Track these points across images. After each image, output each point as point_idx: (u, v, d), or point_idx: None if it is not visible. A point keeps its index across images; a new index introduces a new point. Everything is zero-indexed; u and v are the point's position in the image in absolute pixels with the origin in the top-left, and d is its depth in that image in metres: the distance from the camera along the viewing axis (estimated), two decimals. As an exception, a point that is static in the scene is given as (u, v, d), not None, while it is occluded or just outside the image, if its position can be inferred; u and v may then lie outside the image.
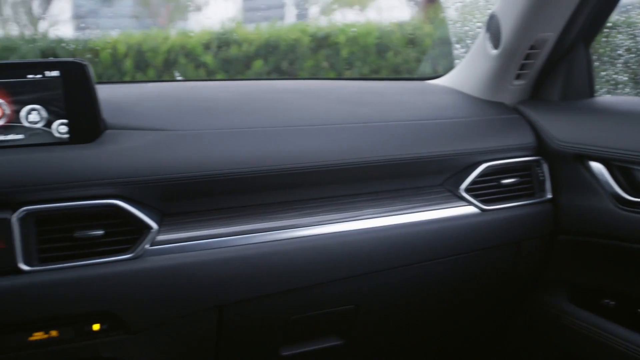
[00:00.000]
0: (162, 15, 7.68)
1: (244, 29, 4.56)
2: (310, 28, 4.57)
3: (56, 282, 1.15)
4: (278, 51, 4.33)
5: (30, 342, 1.16)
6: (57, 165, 1.18)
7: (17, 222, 1.13)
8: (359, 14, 7.28)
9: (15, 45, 4.19)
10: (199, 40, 4.30)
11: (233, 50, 4.29)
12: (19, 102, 1.21)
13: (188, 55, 4.22)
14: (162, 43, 4.25)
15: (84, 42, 4.42)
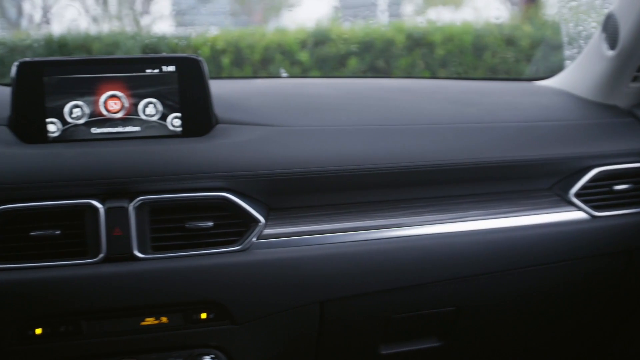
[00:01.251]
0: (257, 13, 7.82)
1: (340, 27, 4.57)
2: (406, 27, 4.54)
3: (168, 270, 1.18)
4: (373, 49, 4.32)
5: (142, 326, 1.20)
6: (171, 157, 1.21)
7: (134, 211, 1.17)
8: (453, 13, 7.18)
9: (119, 41, 4.35)
10: (295, 38, 4.34)
11: (328, 48, 4.31)
12: (137, 95, 1.25)
13: (284, 53, 4.26)
14: (260, 40, 4.31)
15: (184, 38, 4.54)
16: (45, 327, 1.17)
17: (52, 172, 1.17)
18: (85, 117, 1.23)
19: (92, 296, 1.16)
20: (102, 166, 1.19)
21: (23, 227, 1.15)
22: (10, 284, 1.13)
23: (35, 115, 1.21)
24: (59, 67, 1.22)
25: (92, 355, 1.20)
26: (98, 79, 1.23)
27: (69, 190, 1.17)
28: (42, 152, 1.19)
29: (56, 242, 1.16)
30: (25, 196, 1.15)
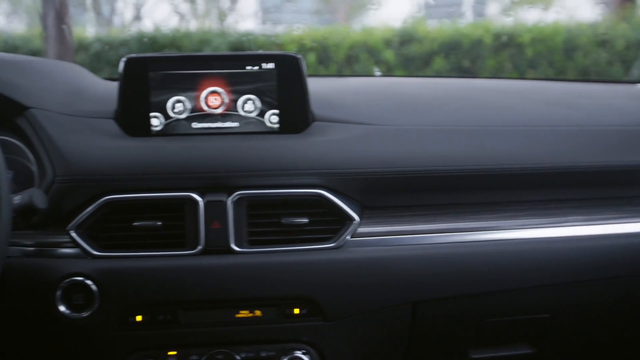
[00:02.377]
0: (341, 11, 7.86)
1: (425, 26, 4.55)
2: (494, 26, 4.46)
3: (263, 265, 1.20)
4: (460, 49, 4.27)
5: (237, 319, 1.22)
6: (268, 153, 1.23)
7: (232, 205, 1.19)
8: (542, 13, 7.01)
9: (208, 38, 4.45)
10: (380, 37, 4.34)
11: (414, 48, 4.29)
12: (237, 92, 1.27)
13: (369, 52, 4.27)
14: (345, 38, 4.33)
15: (270, 35, 4.61)
16: (145, 314, 1.20)
17: (154, 165, 1.20)
18: (186, 112, 1.26)
19: (190, 287, 1.19)
20: (202, 160, 1.22)
21: (126, 217, 1.20)
22: (114, 272, 1.18)
23: (140, 109, 1.25)
24: (164, 63, 1.26)
25: (187, 345, 1.23)
26: (200, 75, 1.26)
27: (170, 183, 1.20)
28: (145, 145, 1.23)
29: (157, 233, 1.20)
30: (128, 187, 1.20)
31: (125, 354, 1.21)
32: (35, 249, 1.19)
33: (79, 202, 1.18)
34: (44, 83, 1.28)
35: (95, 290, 1.16)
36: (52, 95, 1.26)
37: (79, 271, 1.16)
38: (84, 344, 1.21)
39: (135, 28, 6.28)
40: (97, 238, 1.19)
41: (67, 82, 1.34)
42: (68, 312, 1.16)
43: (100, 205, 1.17)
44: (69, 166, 1.17)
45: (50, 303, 1.15)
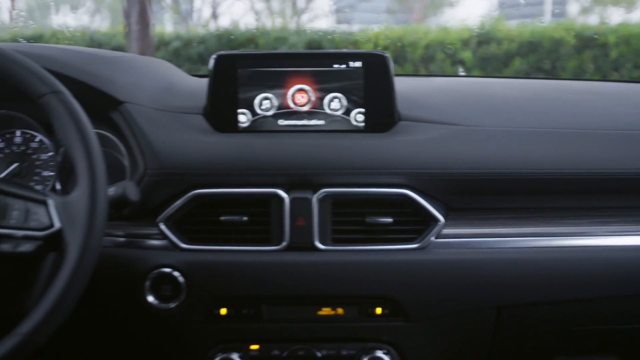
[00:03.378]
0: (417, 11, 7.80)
1: (504, 26, 4.47)
2: (576, 27, 4.34)
3: (346, 263, 1.20)
4: (540, 50, 4.18)
5: (319, 316, 1.23)
6: (354, 152, 1.23)
7: (317, 203, 1.20)
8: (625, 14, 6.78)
9: (285, 36, 4.50)
10: (458, 37, 4.29)
11: (493, 48, 4.22)
12: (323, 90, 1.27)
13: (445, 51, 4.23)
14: (422, 38, 4.30)
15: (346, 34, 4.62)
16: (230, 308, 1.22)
17: (242, 161, 1.22)
18: (273, 109, 1.28)
19: (274, 282, 1.20)
20: (288, 157, 1.23)
21: (213, 211, 1.22)
22: (200, 265, 1.20)
23: (229, 105, 1.27)
24: (253, 60, 1.27)
25: (269, 340, 1.24)
26: (288, 72, 1.27)
27: (257, 179, 1.22)
28: (233, 141, 1.25)
29: (243, 228, 1.21)
30: (216, 182, 1.22)
31: (208, 346, 1.24)
32: (126, 239, 1.22)
33: (168, 195, 1.21)
34: (137, 79, 1.31)
35: (182, 282, 1.18)
36: (145, 90, 1.29)
37: (167, 263, 1.18)
38: (170, 334, 1.24)
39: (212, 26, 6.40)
40: (184, 231, 1.21)
41: (158, 78, 1.37)
42: (156, 303, 1.19)
43: (189, 199, 1.20)
44: (160, 160, 1.20)
45: (139, 293, 1.18)
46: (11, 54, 0.99)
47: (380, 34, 4.40)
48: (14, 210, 0.96)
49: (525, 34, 4.33)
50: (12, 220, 0.95)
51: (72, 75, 1.20)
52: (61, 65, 1.20)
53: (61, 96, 0.98)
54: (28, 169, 1.32)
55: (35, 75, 0.98)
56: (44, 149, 1.32)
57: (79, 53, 1.30)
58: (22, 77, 0.98)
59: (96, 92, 1.23)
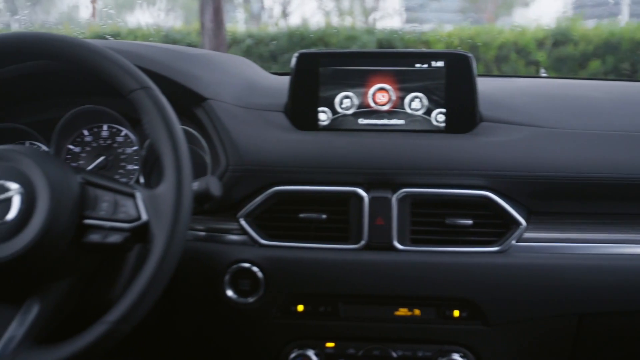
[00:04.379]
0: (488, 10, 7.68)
1: (581, 26, 4.35)
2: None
3: (425, 264, 1.19)
4: (619, 51, 4.05)
5: (396, 316, 1.22)
6: (434, 152, 1.22)
7: (396, 203, 1.19)
8: None
9: (356, 35, 4.50)
10: (532, 37, 4.21)
11: (569, 49, 4.11)
12: (404, 89, 1.27)
13: (519, 52, 4.15)
14: (495, 38, 4.23)
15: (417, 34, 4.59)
16: (307, 305, 1.23)
17: (322, 159, 1.23)
18: (353, 107, 1.28)
19: (352, 281, 1.20)
20: (368, 156, 1.23)
21: (293, 208, 1.23)
22: (279, 261, 1.21)
23: (310, 103, 1.28)
24: (334, 58, 1.28)
25: (345, 338, 1.25)
26: (369, 71, 1.27)
27: (337, 177, 1.22)
28: (313, 139, 1.26)
29: (321, 226, 1.22)
30: (296, 179, 1.23)
31: (285, 341, 1.25)
32: (206, 234, 1.24)
33: (248, 191, 1.23)
34: (220, 76, 1.33)
35: (261, 277, 1.19)
36: (228, 87, 1.31)
37: (247, 258, 1.20)
38: (248, 329, 1.25)
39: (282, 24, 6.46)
40: (263, 227, 1.23)
41: (240, 76, 1.39)
42: (235, 297, 1.20)
43: (269, 195, 1.21)
44: (242, 156, 1.22)
45: (219, 287, 1.20)
46: (103, 50, 1.02)
47: (452, 34, 4.35)
48: (103, 202, 0.98)
49: (602, 35, 4.20)
50: (102, 211, 0.98)
51: (159, 71, 1.23)
52: (149, 61, 1.23)
53: (150, 92, 1.00)
54: (113, 162, 1.36)
55: (126, 71, 1.01)
56: (129, 143, 1.36)
57: (165, 50, 1.33)
58: (113, 73, 1.01)
59: (181, 88, 1.25)
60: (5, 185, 0.94)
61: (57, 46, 1.02)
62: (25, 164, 0.96)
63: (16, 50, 1.02)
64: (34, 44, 1.02)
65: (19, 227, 0.92)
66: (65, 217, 0.94)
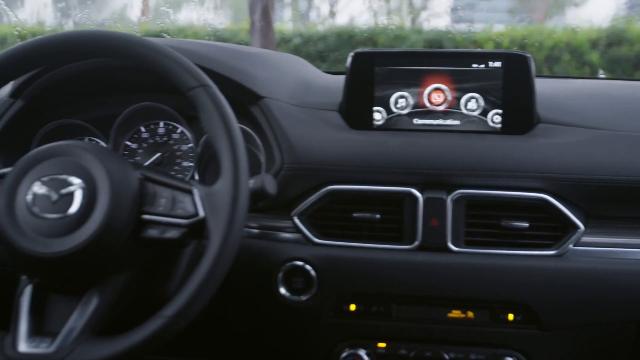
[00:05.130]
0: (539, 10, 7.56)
1: (636, 26, 4.25)
2: None
3: (479, 266, 1.18)
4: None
5: (449, 318, 1.21)
6: (490, 153, 1.20)
7: (451, 204, 1.18)
8: None
9: (404, 34, 4.47)
10: (585, 37, 4.13)
11: (623, 49, 4.02)
12: (460, 89, 1.25)
13: (572, 52, 4.08)
14: (547, 38, 4.16)
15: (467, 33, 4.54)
16: (359, 304, 1.23)
17: (376, 159, 1.22)
18: (409, 107, 1.27)
19: (405, 282, 1.19)
20: (423, 157, 1.22)
21: (346, 207, 1.22)
22: (332, 260, 1.21)
23: (365, 103, 1.27)
24: (390, 58, 1.27)
25: (397, 338, 1.24)
26: (425, 71, 1.26)
27: (391, 177, 1.21)
28: (367, 138, 1.25)
29: (375, 226, 1.22)
30: (350, 179, 1.22)
31: (336, 340, 1.25)
32: (260, 231, 1.25)
33: (302, 190, 1.23)
34: (276, 74, 1.34)
35: (314, 275, 1.20)
36: (283, 86, 1.32)
37: (300, 256, 1.20)
38: (300, 327, 1.26)
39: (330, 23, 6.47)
40: (317, 226, 1.23)
41: (295, 74, 1.40)
42: (288, 295, 1.21)
43: (323, 194, 1.21)
44: (297, 155, 1.22)
45: (272, 284, 1.21)
46: (164, 48, 1.03)
47: (503, 34, 4.29)
48: (161, 198, 1.00)
49: (660, 35, 4.10)
50: (160, 207, 0.99)
51: (216, 69, 1.24)
52: (207, 60, 1.24)
53: (209, 90, 1.01)
54: (169, 159, 1.37)
55: (185, 69, 1.02)
56: (185, 140, 1.37)
57: (223, 48, 1.34)
58: (173, 71, 1.02)
59: (238, 86, 1.26)
60: (68, 180, 0.96)
61: (120, 44, 1.03)
62: (87, 160, 0.98)
63: (80, 48, 1.05)
64: (96, 42, 1.04)
65: (81, 221, 0.94)
66: (124, 212, 0.96)
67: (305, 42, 4.55)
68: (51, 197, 0.96)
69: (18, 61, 1.06)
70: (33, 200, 0.96)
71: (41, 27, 4.47)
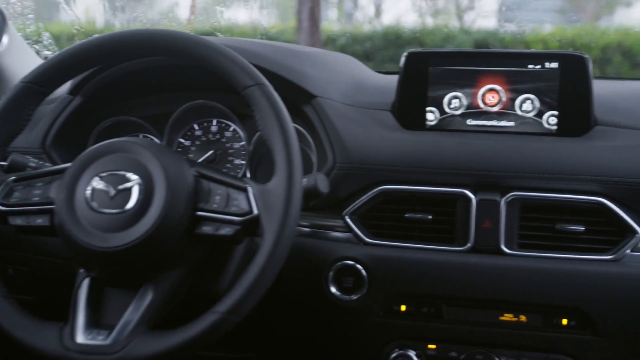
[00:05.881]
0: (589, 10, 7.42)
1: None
2: None
3: (533, 270, 1.16)
4: None
5: (501, 321, 1.19)
6: (545, 155, 1.18)
7: (505, 206, 1.17)
8: None
9: (452, 34, 4.44)
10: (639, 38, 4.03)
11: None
12: (515, 90, 1.24)
13: (624, 54, 3.98)
14: (598, 39, 4.08)
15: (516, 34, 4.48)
16: (409, 305, 1.22)
17: (429, 159, 1.22)
18: (462, 108, 1.26)
19: (456, 283, 1.19)
20: (477, 158, 1.21)
21: (398, 208, 1.22)
22: (383, 260, 1.21)
23: (418, 103, 1.27)
24: (444, 58, 1.26)
25: (448, 340, 1.23)
26: (479, 71, 1.25)
27: (444, 178, 1.21)
28: (420, 139, 1.25)
29: (426, 226, 1.21)
30: (402, 179, 1.22)
31: (386, 340, 1.24)
32: (310, 230, 1.25)
33: (354, 189, 1.23)
34: (329, 74, 1.34)
35: (365, 275, 1.19)
36: (336, 85, 1.32)
37: (351, 255, 1.20)
38: (350, 326, 1.26)
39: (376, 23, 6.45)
40: (368, 225, 1.23)
41: (348, 74, 1.40)
42: (339, 294, 1.21)
43: (375, 194, 1.21)
44: (349, 154, 1.22)
45: (323, 283, 1.21)
46: (221, 47, 1.04)
47: (553, 34, 4.22)
48: (216, 195, 1.01)
49: None
50: (215, 204, 1.00)
51: (270, 68, 1.25)
52: (261, 58, 1.25)
53: (264, 89, 1.01)
54: (221, 157, 1.39)
55: (241, 68, 1.03)
56: (237, 138, 1.38)
57: (276, 47, 1.35)
58: (229, 70, 1.03)
59: (292, 85, 1.27)
60: (125, 176, 0.98)
61: (177, 43, 1.05)
62: (144, 156, 1.00)
63: (141, 47, 1.06)
64: (157, 41, 1.05)
65: (137, 217, 0.95)
66: (180, 208, 0.97)
67: (352, 42, 4.55)
68: (109, 192, 0.97)
69: (80, 59, 1.09)
70: (92, 195, 0.98)
71: (92, 25, 4.56)
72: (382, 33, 4.59)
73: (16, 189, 1.06)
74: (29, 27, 2.10)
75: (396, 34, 4.55)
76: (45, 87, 1.10)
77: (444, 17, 7.05)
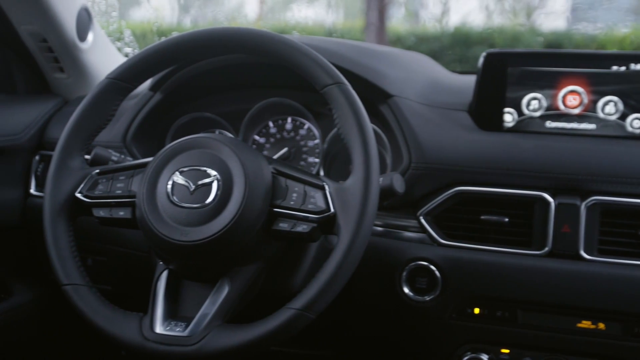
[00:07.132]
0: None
1: None
2: None
3: (613, 276, 1.13)
4: None
5: (578, 328, 1.17)
6: (629, 159, 1.15)
7: (585, 210, 1.14)
8: None
9: (521, 35, 4.36)
10: None
11: None
12: (598, 92, 1.21)
13: None
14: (677, 40, 3.94)
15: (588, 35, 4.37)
16: (483, 308, 1.21)
17: (506, 161, 1.20)
18: (541, 110, 1.23)
19: (532, 288, 1.16)
20: (556, 161, 1.18)
21: (474, 209, 1.21)
22: (457, 261, 1.20)
23: (495, 104, 1.25)
24: (524, 59, 1.24)
25: (522, 345, 1.21)
26: (560, 73, 1.22)
27: (521, 181, 1.19)
28: (497, 140, 1.23)
29: (502, 229, 1.19)
30: (479, 180, 1.21)
31: (459, 343, 1.23)
32: (384, 229, 1.25)
33: (429, 189, 1.22)
34: (405, 73, 1.34)
35: (439, 276, 1.19)
36: (412, 85, 1.31)
37: (425, 256, 1.20)
38: (422, 327, 1.25)
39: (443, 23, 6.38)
40: (443, 226, 1.22)
41: (423, 73, 1.39)
42: (412, 295, 1.20)
43: (450, 195, 1.20)
44: (425, 154, 1.21)
45: (396, 283, 1.21)
46: (301, 46, 1.05)
47: (628, 36, 4.10)
48: (293, 192, 1.01)
49: None
50: (291, 201, 1.01)
51: (348, 67, 1.25)
52: (339, 57, 1.26)
53: (343, 88, 1.02)
54: (295, 154, 1.40)
55: (321, 67, 1.03)
56: (311, 136, 1.39)
57: (353, 47, 1.35)
58: (309, 68, 1.04)
59: (369, 84, 1.27)
60: (206, 172, 1.00)
61: (258, 41, 1.06)
62: (224, 153, 1.01)
63: (222, 45, 1.08)
64: (238, 39, 1.06)
65: (216, 212, 0.97)
66: (257, 204, 0.98)
67: (420, 42, 4.52)
68: (189, 187, 0.99)
69: (163, 56, 1.11)
70: (172, 190, 1.00)
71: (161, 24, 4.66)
72: (451, 33, 4.54)
73: (100, 182, 1.09)
74: (112, 25, 2.16)
75: (465, 34, 4.50)
76: (130, 84, 1.13)
77: (513, 17, 6.93)
